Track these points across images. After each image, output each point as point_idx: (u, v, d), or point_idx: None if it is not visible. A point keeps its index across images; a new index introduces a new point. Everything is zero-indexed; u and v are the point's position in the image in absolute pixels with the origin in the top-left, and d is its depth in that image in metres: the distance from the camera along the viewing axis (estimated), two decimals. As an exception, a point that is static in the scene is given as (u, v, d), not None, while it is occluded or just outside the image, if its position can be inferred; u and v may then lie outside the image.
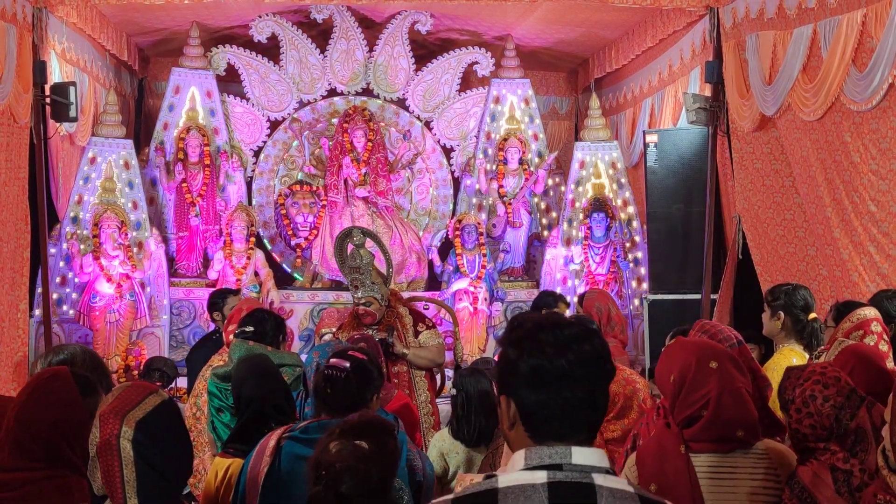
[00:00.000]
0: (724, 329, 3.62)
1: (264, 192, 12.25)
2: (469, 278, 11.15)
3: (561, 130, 13.76)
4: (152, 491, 2.50)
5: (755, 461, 3.04)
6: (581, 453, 1.95)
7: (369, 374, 3.71)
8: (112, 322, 10.39)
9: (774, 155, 8.25)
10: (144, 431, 2.51)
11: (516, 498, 1.89)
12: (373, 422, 2.93)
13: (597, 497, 1.91)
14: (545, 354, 1.94)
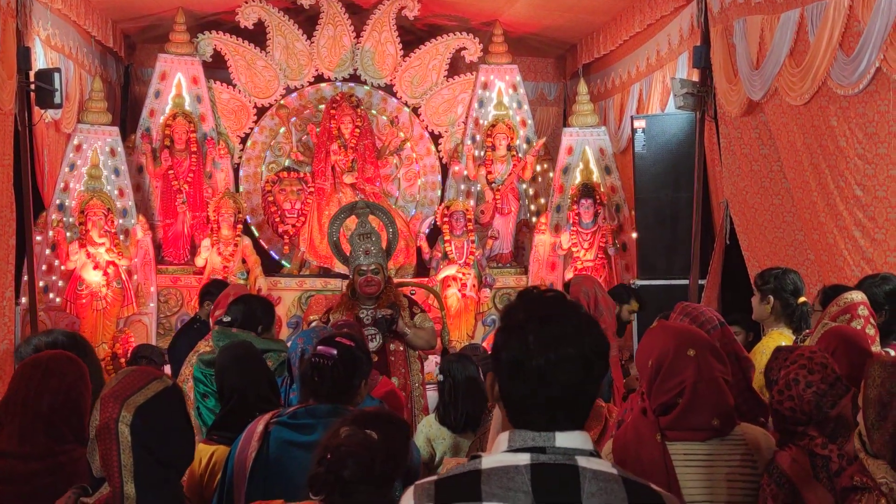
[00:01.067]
0: (705, 311, 3.61)
1: (251, 178, 12.21)
2: (457, 265, 11.14)
3: (549, 116, 13.74)
4: (149, 476, 2.49)
5: (731, 448, 3.02)
6: (564, 437, 1.96)
7: (357, 361, 3.67)
8: (99, 310, 10.36)
9: (762, 140, 8.24)
10: (143, 417, 2.50)
11: (499, 479, 1.90)
12: (387, 416, 2.92)
13: (580, 479, 1.91)
14: (526, 350, 1.94)
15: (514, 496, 1.89)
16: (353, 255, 6.92)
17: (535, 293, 2.06)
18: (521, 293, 2.08)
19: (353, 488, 2.68)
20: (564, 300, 2.04)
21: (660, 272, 10.03)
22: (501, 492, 1.89)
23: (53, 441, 2.95)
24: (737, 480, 2.97)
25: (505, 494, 1.89)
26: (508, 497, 1.89)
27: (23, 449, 2.93)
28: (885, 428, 2.62)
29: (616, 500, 1.91)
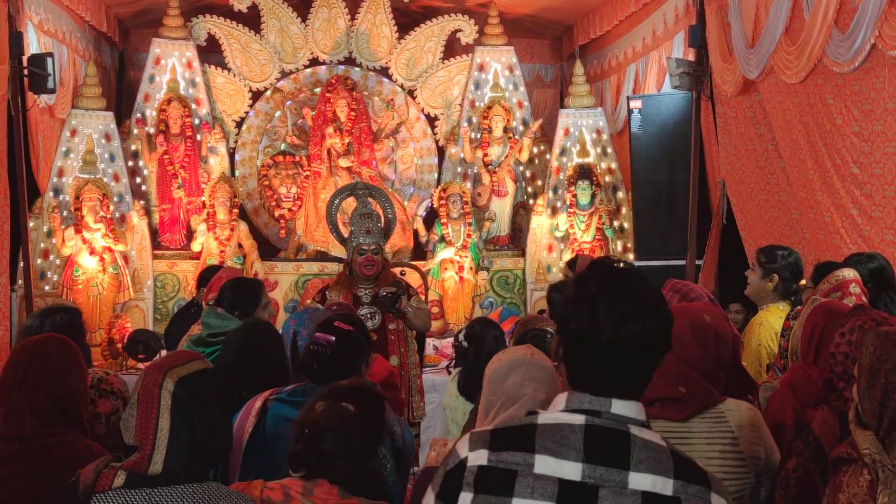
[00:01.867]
0: (695, 287, 3.60)
1: (247, 163, 12.18)
2: (454, 247, 11.12)
3: (546, 98, 13.71)
4: (180, 447, 2.50)
5: (711, 425, 3.00)
6: (620, 404, 2.02)
7: (357, 344, 3.66)
8: (95, 295, 10.34)
9: (758, 119, 8.21)
10: (185, 388, 2.54)
11: (553, 435, 1.99)
12: (362, 387, 2.94)
13: (630, 446, 1.98)
14: (595, 325, 2.01)
15: (565, 452, 1.96)
16: (354, 234, 6.89)
17: (607, 264, 2.11)
18: (593, 263, 2.14)
19: (332, 462, 2.69)
20: (636, 275, 2.09)
21: (657, 253, 10.02)
22: (554, 446, 1.97)
23: (40, 423, 2.95)
24: (716, 458, 2.94)
25: (557, 450, 1.97)
26: (560, 453, 1.96)
27: (8, 430, 2.95)
28: (874, 396, 2.61)
29: (663, 469, 1.96)
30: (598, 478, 1.94)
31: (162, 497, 2.46)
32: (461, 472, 2.01)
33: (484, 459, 1.99)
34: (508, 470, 1.97)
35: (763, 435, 3.05)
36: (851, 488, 2.60)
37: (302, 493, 2.71)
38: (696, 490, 1.96)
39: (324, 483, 2.72)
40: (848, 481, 2.63)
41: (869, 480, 2.55)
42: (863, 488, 2.56)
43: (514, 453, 1.98)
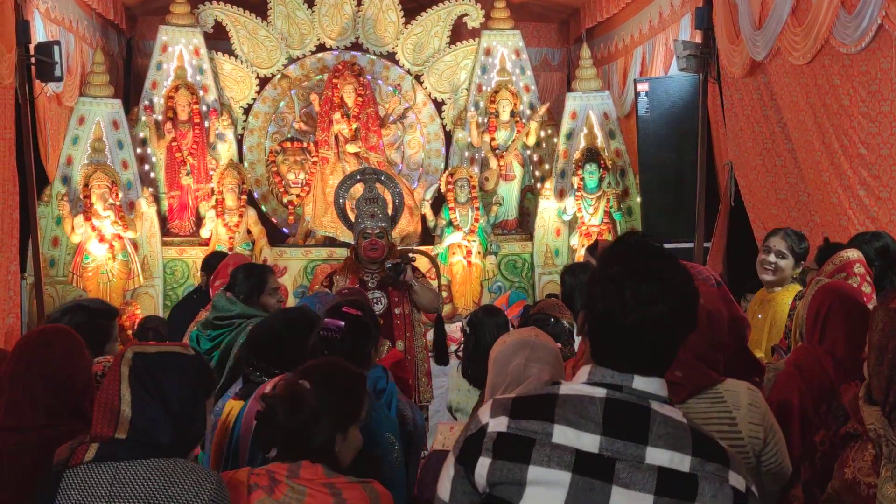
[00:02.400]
0: (702, 269, 3.59)
1: (255, 149, 12.20)
2: (462, 232, 11.12)
3: (553, 82, 13.68)
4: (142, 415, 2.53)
5: (708, 406, 2.99)
6: (642, 380, 2.04)
7: (366, 329, 3.67)
8: (105, 283, 10.38)
9: (765, 100, 8.19)
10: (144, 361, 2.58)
11: (574, 406, 2.02)
12: (328, 367, 2.94)
13: (650, 421, 1.99)
14: (622, 306, 2.01)
15: (584, 424, 1.99)
16: (359, 219, 6.89)
17: (633, 242, 2.12)
18: (620, 239, 2.16)
19: (296, 438, 2.73)
20: (662, 253, 2.09)
21: (665, 235, 9.98)
22: (574, 417, 1.99)
23: (42, 415, 2.95)
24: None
25: (577, 421, 1.99)
26: (580, 424, 1.99)
27: (9, 422, 2.94)
28: (882, 372, 2.60)
29: (682, 445, 1.98)
30: (616, 451, 1.96)
31: (127, 470, 2.49)
32: (481, 437, 2.03)
33: (504, 426, 2.02)
34: (527, 438, 1.99)
35: (763, 415, 3.03)
36: (857, 462, 2.61)
37: (287, 476, 2.72)
38: (713, 468, 1.97)
39: (307, 463, 2.74)
40: (854, 456, 2.64)
41: (873, 455, 2.56)
42: (867, 462, 2.57)
43: (533, 422, 2.00)
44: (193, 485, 2.50)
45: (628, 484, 1.93)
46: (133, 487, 2.47)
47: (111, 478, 2.49)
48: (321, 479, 2.73)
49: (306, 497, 2.69)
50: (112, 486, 2.48)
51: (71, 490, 2.49)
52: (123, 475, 2.49)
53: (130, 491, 2.47)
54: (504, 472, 1.98)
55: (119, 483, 2.48)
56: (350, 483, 2.77)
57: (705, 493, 1.94)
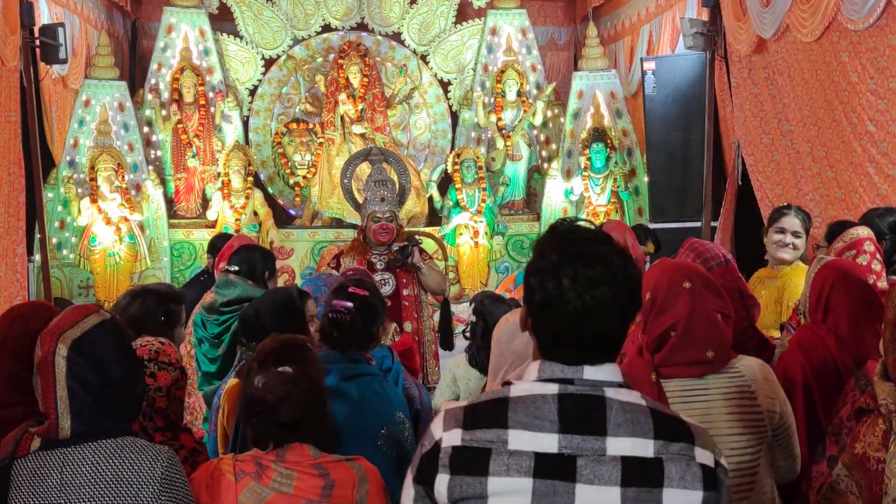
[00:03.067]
0: (712, 247, 3.58)
1: (261, 131, 12.18)
2: (469, 212, 11.11)
3: (559, 61, 13.61)
4: (83, 410, 2.50)
5: (728, 381, 2.97)
6: (593, 370, 1.99)
7: (374, 310, 3.65)
8: (112, 265, 10.39)
9: (772, 78, 8.13)
10: (79, 351, 2.52)
11: (526, 407, 1.94)
12: (286, 344, 2.90)
13: (606, 409, 1.94)
14: (561, 293, 1.95)
15: (540, 424, 1.92)
16: (369, 201, 6.85)
17: (565, 228, 2.05)
18: (552, 227, 2.07)
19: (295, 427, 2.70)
20: (598, 236, 2.03)
21: (672, 215, 9.98)
22: (528, 420, 1.93)
23: (14, 391, 2.93)
24: (733, 412, 2.93)
25: (531, 423, 1.93)
26: (535, 425, 1.92)
27: None
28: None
29: (643, 430, 1.93)
30: (576, 447, 1.91)
31: (75, 455, 2.47)
32: (436, 453, 1.96)
33: (458, 439, 1.95)
34: (483, 448, 1.92)
35: (776, 389, 3.03)
36: (867, 437, 2.60)
37: (275, 461, 2.70)
38: (678, 448, 1.93)
39: (294, 446, 2.72)
40: (865, 431, 2.63)
41: (884, 430, 2.55)
42: (878, 437, 2.56)
43: (487, 430, 1.94)
44: (145, 463, 2.47)
45: (592, 480, 1.88)
46: (83, 473, 2.45)
47: (60, 465, 2.47)
48: (308, 461, 2.71)
49: (295, 480, 2.68)
50: (62, 473, 2.46)
51: (21, 481, 2.47)
52: (72, 461, 2.47)
53: (81, 477, 2.45)
54: (464, 488, 1.92)
55: (69, 469, 2.46)
56: (337, 462, 2.75)
57: (672, 476, 1.90)
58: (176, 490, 2.50)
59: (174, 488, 2.50)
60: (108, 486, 2.44)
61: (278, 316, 4.06)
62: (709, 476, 1.92)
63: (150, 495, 2.45)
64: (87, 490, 2.44)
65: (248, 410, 2.75)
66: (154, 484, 2.46)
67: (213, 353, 4.78)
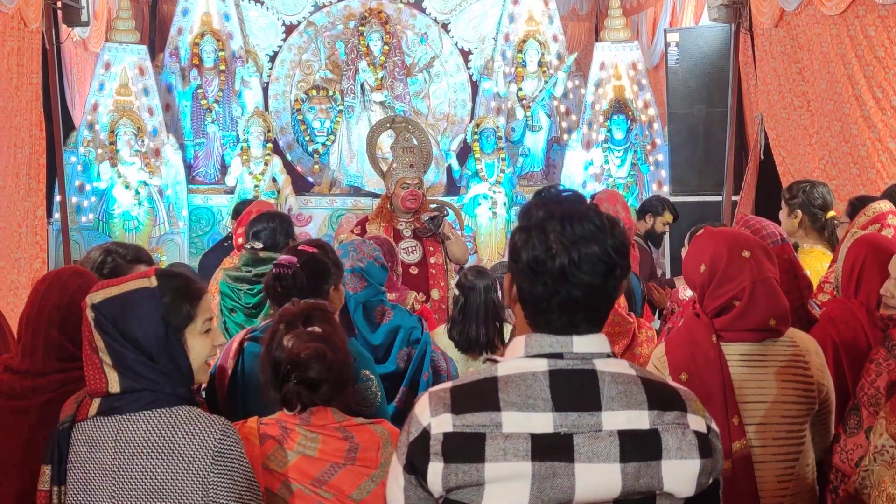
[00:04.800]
0: (767, 225, 3.57)
1: (280, 97, 12.16)
2: (488, 183, 11.09)
3: (581, 32, 13.50)
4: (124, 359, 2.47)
5: (784, 349, 2.99)
6: (582, 341, 1.92)
7: (321, 267, 3.52)
8: (131, 229, 10.42)
9: (797, 51, 8.06)
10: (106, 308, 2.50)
11: (517, 386, 1.87)
12: (313, 306, 2.88)
13: (599, 382, 1.88)
14: (548, 249, 1.89)
15: (533, 404, 1.86)
16: (397, 167, 6.80)
17: (553, 192, 2.01)
18: (538, 192, 2.05)
19: (321, 386, 2.68)
20: (582, 199, 1.99)
21: (693, 188, 9.92)
22: (521, 400, 1.86)
23: (54, 357, 2.92)
24: (789, 380, 2.95)
25: (524, 403, 1.86)
26: (528, 405, 1.86)
27: (23, 365, 2.92)
28: None
29: (636, 402, 1.88)
30: (571, 424, 1.85)
31: (129, 423, 2.44)
32: (426, 440, 1.87)
33: (449, 425, 1.87)
34: (476, 433, 1.85)
35: (825, 364, 3.05)
36: None
37: (299, 424, 2.69)
38: (672, 416, 1.89)
39: (318, 410, 2.70)
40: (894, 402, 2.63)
41: None
42: None
43: (478, 414, 1.86)
44: (198, 434, 2.41)
45: (591, 457, 1.83)
46: (136, 442, 2.42)
47: (115, 432, 2.44)
48: (333, 424, 2.70)
49: (320, 443, 2.67)
50: (116, 441, 2.43)
51: (80, 446, 2.46)
52: (126, 428, 2.43)
53: (134, 446, 2.41)
54: (460, 476, 1.84)
55: (123, 437, 2.43)
56: (361, 425, 2.74)
57: (670, 447, 1.86)
58: (230, 463, 2.43)
59: (228, 461, 2.42)
60: (160, 457, 2.40)
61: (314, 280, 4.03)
62: (703, 443, 1.89)
63: (203, 468, 2.39)
64: (139, 459, 2.41)
65: (274, 372, 2.71)
66: (206, 457, 2.40)
67: (249, 322, 4.74)
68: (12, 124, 8.03)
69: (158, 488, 2.40)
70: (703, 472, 1.88)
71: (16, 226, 8.06)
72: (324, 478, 2.65)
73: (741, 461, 2.92)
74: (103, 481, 2.44)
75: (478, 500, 1.85)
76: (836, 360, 3.33)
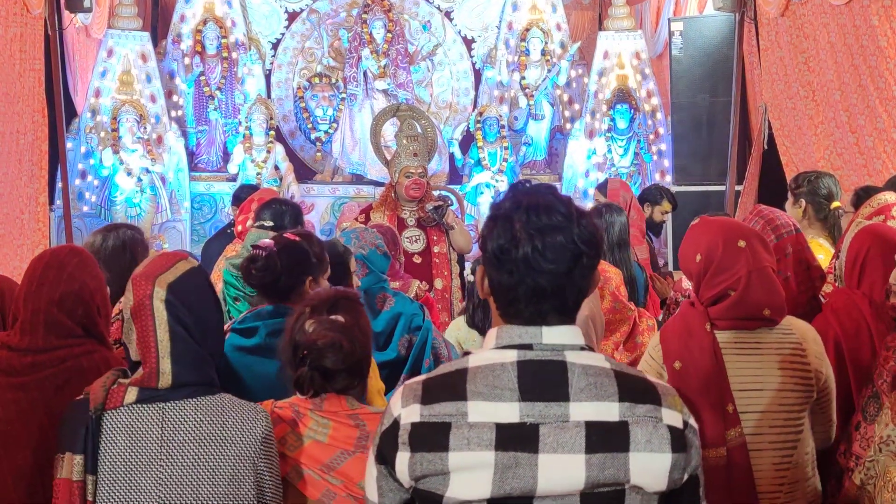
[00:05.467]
0: (782, 215, 3.55)
1: (283, 84, 12.14)
2: (490, 171, 11.08)
3: (584, 20, 13.47)
4: (185, 353, 2.51)
5: (780, 336, 2.99)
6: (552, 332, 1.92)
7: (300, 256, 3.47)
8: (133, 216, 10.42)
9: (801, 41, 8.04)
10: (175, 293, 2.53)
11: (485, 377, 1.88)
12: (340, 294, 2.88)
13: (568, 373, 1.88)
14: (513, 239, 1.89)
15: (499, 394, 1.86)
16: (400, 156, 6.79)
17: (524, 185, 2.01)
18: (511, 185, 2.04)
19: (337, 375, 2.68)
20: (554, 191, 1.98)
21: (696, 178, 9.92)
22: (487, 390, 1.87)
23: (54, 335, 2.93)
24: (787, 368, 2.94)
25: (491, 392, 1.86)
26: (494, 395, 1.86)
27: (22, 342, 2.92)
28: None
29: (606, 394, 1.87)
30: (538, 415, 1.85)
31: (175, 410, 2.47)
32: (395, 431, 1.90)
33: (417, 415, 1.89)
34: (442, 423, 1.86)
35: (824, 352, 3.05)
36: None
37: (311, 409, 2.70)
38: (644, 410, 1.87)
39: (331, 396, 2.71)
40: None
41: None
42: None
43: (446, 404, 1.87)
44: (246, 422, 2.49)
45: (556, 448, 1.82)
46: (185, 430, 2.45)
47: (160, 420, 2.46)
48: (346, 411, 2.71)
49: (331, 430, 2.68)
50: (163, 429, 2.46)
51: (117, 433, 2.46)
52: (172, 416, 2.46)
53: (183, 434, 2.45)
54: (425, 465, 1.86)
55: (170, 425, 2.46)
56: (373, 414, 2.73)
57: (639, 440, 1.85)
58: (272, 449, 2.54)
59: (270, 448, 2.53)
60: (211, 445, 2.45)
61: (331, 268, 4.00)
62: (677, 437, 1.88)
63: (252, 455, 2.48)
64: (189, 448, 2.45)
65: (293, 355, 2.72)
66: (255, 444, 2.49)
67: (251, 310, 4.73)
68: (15, 110, 8.04)
69: (210, 476, 2.46)
70: (675, 466, 1.87)
71: (18, 212, 8.07)
72: (333, 464, 2.66)
73: (737, 449, 2.93)
74: (147, 471, 2.46)
75: (443, 489, 1.86)
76: (838, 351, 3.33)
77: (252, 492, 2.48)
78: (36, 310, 2.93)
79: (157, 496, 2.44)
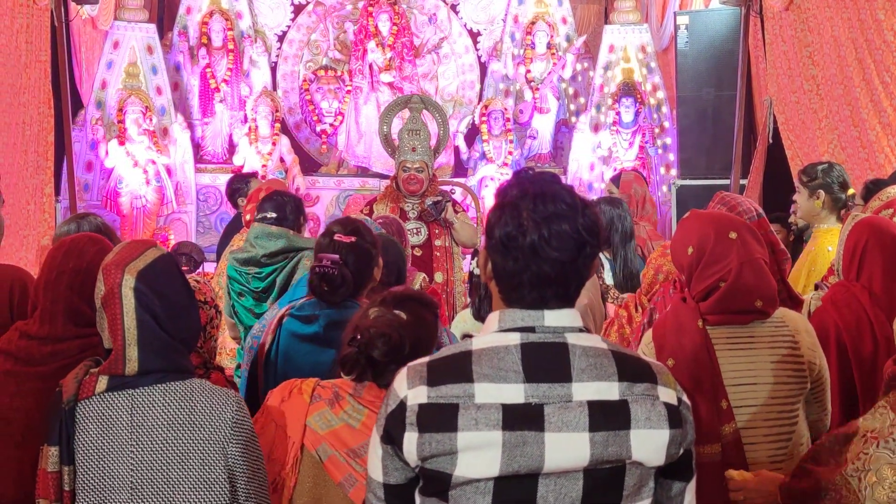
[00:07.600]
0: (743, 201, 3.55)
1: (289, 77, 12.15)
2: (495, 164, 11.08)
3: (590, 14, 13.45)
4: (152, 342, 2.51)
5: (773, 330, 2.99)
6: (553, 315, 1.97)
7: (364, 256, 3.52)
8: (139, 207, 10.44)
9: (806, 35, 8.03)
10: (145, 280, 2.53)
11: (490, 359, 1.93)
12: (415, 295, 2.91)
13: (570, 355, 1.94)
14: (519, 226, 1.94)
15: (504, 376, 1.91)
16: (400, 150, 6.84)
17: (530, 173, 2.06)
18: (516, 172, 2.08)
19: (383, 369, 2.70)
20: (558, 179, 2.03)
21: (700, 171, 9.91)
22: (493, 372, 1.92)
23: (73, 323, 2.95)
24: (778, 360, 2.94)
25: (496, 374, 1.92)
26: (500, 377, 1.91)
27: (42, 331, 2.94)
28: None
29: (606, 374, 1.93)
30: (542, 395, 1.91)
31: (143, 396, 2.48)
32: (402, 411, 1.94)
33: (424, 396, 1.93)
34: (450, 404, 1.91)
35: (816, 342, 3.05)
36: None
37: (351, 394, 2.73)
38: (642, 388, 1.94)
39: (372, 386, 2.74)
40: None
41: None
42: None
43: (452, 385, 1.92)
44: (216, 406, 2.49)
45: (560, 427, 1.88)
46: (154, 416, 2.47)
47: (130, 407, 2.48)
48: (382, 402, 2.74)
49: (364, 417, 2.70)
50: (132, 416, 2.47)
51: (89, 422, 2.48)
52: (142, 402, 2.48)
53: (153, 420, 2.46)
54: (433, 445, 1.90)
55: (139, 410, 2.47)
56: None
57: (639, 418, 1.91)
58: (244, 433, 2.53)
59: (243, 431, 2.53)
60: (180, 427, 2.47)
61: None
62: (673, 414, 1.94)
63: (223, 438, 2.48)
64: (160, 431, 2.46)
65: (349, 335, 2.76)
66: (226, 427, 2.49)
67: (259, 306, 4.72)
68: (21, 102, 8.05)
69: (180, 457, 2.47)
70: (672, 441, 1.94)
71: (24, 203, 8.09)
72: (360, 451, 2.68)
73: (731, 444, 2.94)
74: (120, 456, 2.47)
75: (451, 468, 1.90)
76: (839, 344, 3.33)
77: (224, 474, 2.48)
78: (56, 298, 2.94)
79: (130, 481, 2.46)
